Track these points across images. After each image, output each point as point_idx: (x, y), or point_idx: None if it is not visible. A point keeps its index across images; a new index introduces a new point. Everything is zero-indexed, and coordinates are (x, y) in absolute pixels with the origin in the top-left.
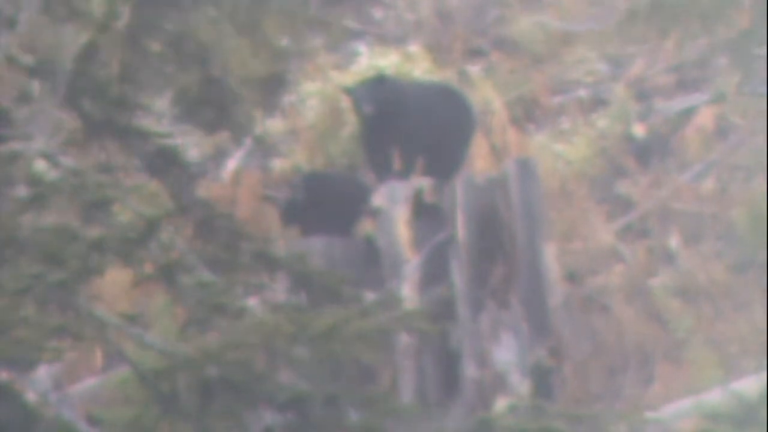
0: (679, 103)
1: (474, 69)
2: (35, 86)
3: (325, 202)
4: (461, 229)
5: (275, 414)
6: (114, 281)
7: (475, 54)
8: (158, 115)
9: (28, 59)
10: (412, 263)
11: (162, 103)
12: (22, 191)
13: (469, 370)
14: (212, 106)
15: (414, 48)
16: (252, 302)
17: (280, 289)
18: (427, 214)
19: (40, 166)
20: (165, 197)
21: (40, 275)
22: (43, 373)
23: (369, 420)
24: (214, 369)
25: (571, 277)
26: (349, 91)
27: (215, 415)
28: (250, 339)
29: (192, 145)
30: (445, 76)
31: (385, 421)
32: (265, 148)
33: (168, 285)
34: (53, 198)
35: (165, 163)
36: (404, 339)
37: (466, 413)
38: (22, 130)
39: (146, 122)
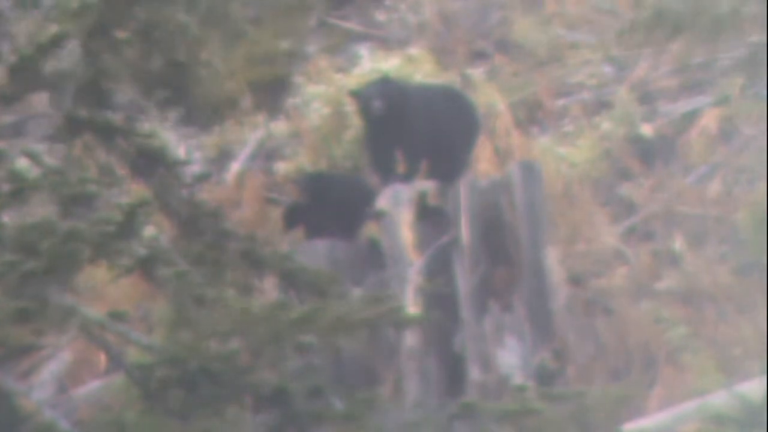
0: (683, 106)
1: (477, 72)
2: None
3: (329, 205)
4: (465, 231)
5: (259, 407)
6: (117, 284)
7: (478, 57)
8: (161, 118)
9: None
10: (415, 266)
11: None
12: (2, 187)
13: (473, 373)
14: (171, 86)
15: (416, 51)
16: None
17: (270, 289)
18: (430, 217)
19: (23, 164)
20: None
21: (13, 264)
22: (46, 375)
23: (352, 410)
24: (196, 362)
25: (575, 280)
26: (354, 93)
27: (199, 409)
28: (226, 327)
29: (195, 148)
30: (448, 78)
31: (368, 411)
32: (268, 151)
33: (147, 277)
34: (33, 193)
35: (149, 162)
36: (408, 342)
37: None
38: (12, 130)
39: (145, 125)
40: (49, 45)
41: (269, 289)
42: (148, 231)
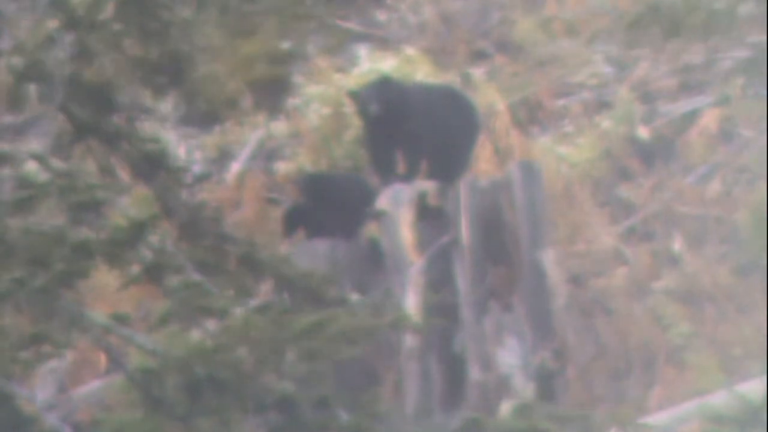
0: (683, 106)
1: (477, 72)
2: (31, 89)
3: (329, 205)
4: (465, 231)
5: (263, 415)
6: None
7: (478, 57)
8: (161, 118)
9: (19, 61)
10: (415, 266)
11: (164, 106)
12: (10, 193)
13: (473, 374)
14: (167, 72)
15: (413, 51)
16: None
17: (266, 292)
18: (430, 217)
19: (31, 168)
20: (154, 200)
21: (22, 280)
22: (46, 375)
23: (358, 421)
24: (202, 369)
25: (575, 280)
26: (353, 93)
27: (203, 415)
28: (235, 342)
29: (195, 148)
30: (448, 78)
31: (374, 422)
32: (268, 151)
33: (155, 286)
34: (42, 200)
35: (151, 166)
36: (408, 342)
37: None
38: (13, 132)
39: (145, 125)
40: (46, 41)
41: (265, 292)
42: (155, 236)
